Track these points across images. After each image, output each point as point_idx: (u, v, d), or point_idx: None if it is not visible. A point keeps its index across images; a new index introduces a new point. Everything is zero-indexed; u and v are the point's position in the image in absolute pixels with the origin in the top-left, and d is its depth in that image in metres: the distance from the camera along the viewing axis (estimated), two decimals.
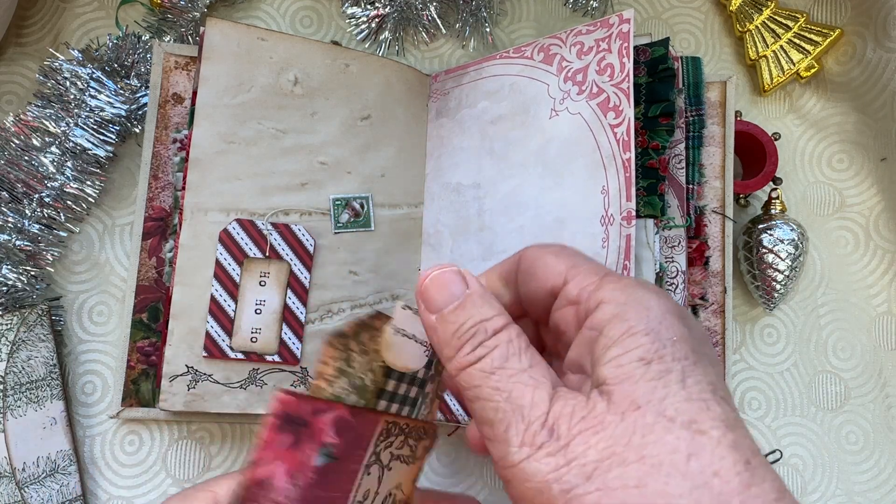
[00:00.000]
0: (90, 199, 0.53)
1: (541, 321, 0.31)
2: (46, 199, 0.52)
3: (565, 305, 0.29)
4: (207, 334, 0.47)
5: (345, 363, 0.29)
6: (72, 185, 0.52)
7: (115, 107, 0.53)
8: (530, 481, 0.24)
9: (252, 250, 0.49)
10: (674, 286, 0.48)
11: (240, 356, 0.48)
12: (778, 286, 0.54)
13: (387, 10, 0.57)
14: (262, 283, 0.49)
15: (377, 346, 0.30)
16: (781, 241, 0.53)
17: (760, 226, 0.54)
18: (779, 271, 0.53)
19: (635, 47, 0.47)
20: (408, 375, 0.32)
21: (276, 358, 0.48)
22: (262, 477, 0.28)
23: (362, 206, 0.51)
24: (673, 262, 0.48)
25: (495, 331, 0.27)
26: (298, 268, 0.49)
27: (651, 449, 0.23)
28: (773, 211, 0.54)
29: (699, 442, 0.23)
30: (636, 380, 0.24)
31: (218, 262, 0.48)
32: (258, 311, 0.48)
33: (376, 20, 0.58)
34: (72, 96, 0.52)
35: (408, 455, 0.33)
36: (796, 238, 0.53)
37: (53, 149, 0.51)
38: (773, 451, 0.54)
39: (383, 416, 0.31)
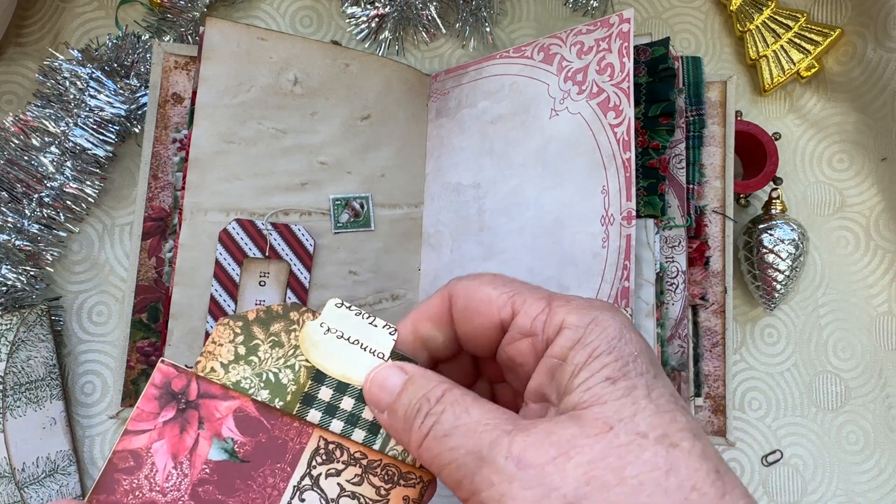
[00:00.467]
0: (90, 199, 0.53)
1: (483, 354, 0.31)
2: (46, 199, 0.52)
3: (519, 339, 0.28)
4: (207, 334, 0.47)
5: (245, 349, 0.28)
6: (71, 185, 0.52)
7: (114, 107, 0.53)
8: None
9: (252, 250, 0.49)
10: (674, 286, 0.48)
11: None
12: (778, 286, 0.54)
13: (387, 9, 0.57)
14: (262, 283, 0.49)
15: (296, 342, 0.28)
16: (782, 241, 0.53)
17: (761, 226, 0.54)
18: (779, 271, 0.53)
19: (635, 47, 0.46)
20: (355, 389, 0.29)
21: None
22: (135, 447, 0.26)
23: (362, 206, 0.51)
24: (673, 262, 0.48)
25: (437, 399, 0.27)
26: (298, 268, 0.49)
27: (630, 470, 0.23)
28: (773, 211, 0.54)
29: (674, 456, 0.23)
30: (605, 400, 0.24)
31: (218, 262, 0.48)
32: None
33: (376, 20, 0.58)
34: (71, 96, 0.52)
35: (373, 498, 0.29)
36: (796, 238, 0.53)
37: (53, 149, 0.51)
38: (774, 452, 0.54)
39: (316, 429, 0.28)
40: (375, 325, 0.30)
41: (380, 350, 0.30)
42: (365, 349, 0.30)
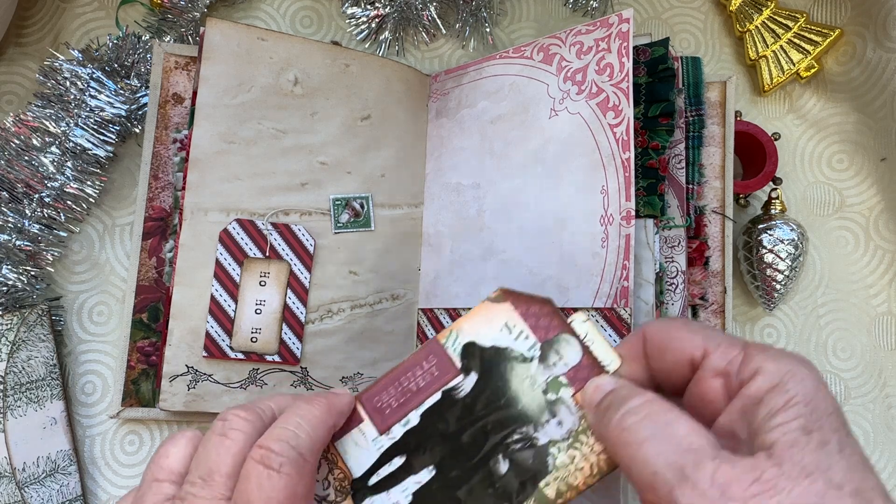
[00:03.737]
0: (90, 199, 0.53)
1: (672, 391, 0.32)
2: (46, 199, 0.52)
3: (712, 377, 0.30)
4: (207, 334, 0.47)
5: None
6: (72, 185, 0.52)
7: (115, 107, 0.53)
8: None
9: (252, 250, 0.49)
10: (674, 286, 0.48)
11: (240, 356, 0.48)
12: (778, 286, 0.54)
13: (387, 10, 0.57)
14: (262, 283, 0.49)
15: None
16: (781, 241, 0.53)
17: (760, 226, 0.54)
18: (779, 271, 0.53)
19: (635, 47, 0.47)
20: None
21: (277, 358, 0.48)
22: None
23: (362, 206, 0.51)
24: (673, 262, 0.48)
25: (641, 402, 0.29)
26: (298, 268, 0.49)
27: None
28: (773, 211, 0.54)
29: None
30: (801, 447, 0.25)
31: (218, 262, 0.48)
32: (258, 311, 0.48)
33: (376, 20, 0.58)
34: (72, 96, 0.52)
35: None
36: (796, 238, 0.53)
37: (53, 149, 0.51)
38: None
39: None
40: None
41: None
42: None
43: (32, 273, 0.51)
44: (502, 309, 0.35)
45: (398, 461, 0.34)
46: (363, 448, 0.34)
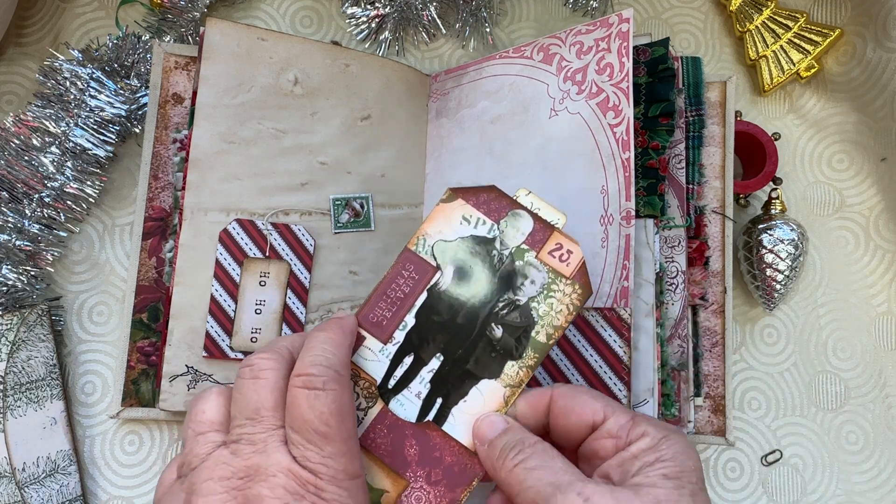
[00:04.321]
0: (90, 199, 0.53)
1: (565, 446, 0.37)
2: (46, 199, 0.52)
3: (605, 438, 0.36)
4: (207, 334, 0.47)
5: None
6: (72, 185, 0.52)
7: (115, 107, 0.53)
8: None
9: (252, 250, 0.49)
10: (674, 286, 0.48)
11: (240, 356, 0.48)
12: (778, 286, 0.54)
13: (387, 10, 0.57)
14: (262, 283, 0.49)
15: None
16: (781, 241, 0.53)
17: (760, 226, 0.54)
18: (779, 271, 0.53)
19: (635, 47, 0.47)
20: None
21: None
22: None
23: (362, 206, 0.51)
24: (673, 262, 0.48)
25: (531, 444, 0.35)
26: (298, 268, 0.49)
27: None
28: (773, 211, 0.54)
29: None
30: (658, 486, 0.32)
31: (218, 262, 0.48)
32: (258, 311, 0.48)
33: (376, 20, 0.58)
34: (72, 96, 0.52)
35: None
36: (796, 238, 0.53)
37: (53, 149, 0.51)
38: (774, 452, 0.54)
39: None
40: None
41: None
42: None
43: (32, 273, 0.51)
44: (456, 206, 0.40)
45: (408, 360, 0.39)
46: (373, 360, 0.39)
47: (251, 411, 0.34)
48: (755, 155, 0.55)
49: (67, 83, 0.52)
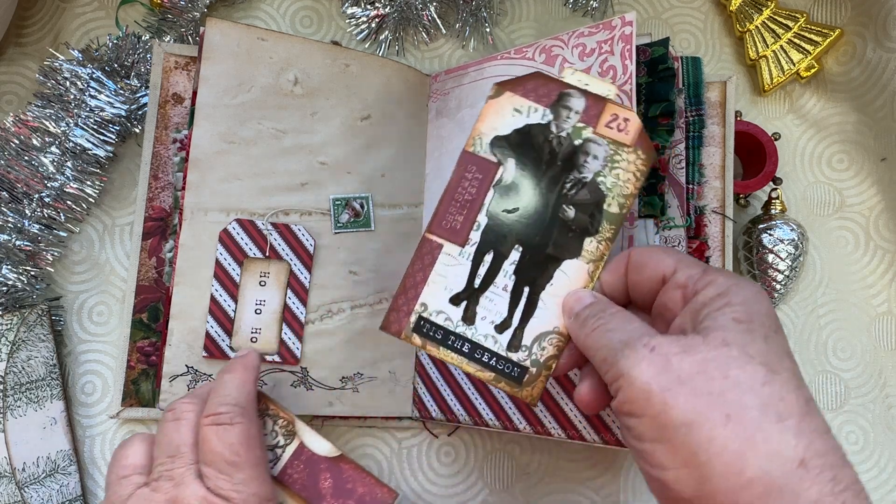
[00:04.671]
0: (90, 199, 0.53)
1: (643, 307, 0.38)
2: (46, 199, 0.52)
3: (674, 289, 0.36)
4: (207, 334, 0.47)
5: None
6: (72, 185, 0.52)
7: (115, 107, 0.53)
8: (635, 384, 0.31)
9: (252, 250, 0.49)
10: None
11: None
12: (778, 286, 0.54)
13: (387, 10, 0.57)
14: (262, 283, 0.49)
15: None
16: (781, 241, 0.53)
17: (760, 226, 0.54)
18: (779, 271, 0.53)
19: (636, 47, 0.46)
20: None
21: (276, 358, 0.48)
22: None
23: (362, 206, 0.51)
24: None
25: (613, 312, 0.36)
26: (298, 268, 0.49)
27: (733, 371, 0.30)
28: (773, 211, 0.54)
29: (772, 377, 0.30)
30: (728, 329, 0.32)
31: (218, 262, 0.48)
32: (258, 311, 0.48)
33: (376, 20, 0.58)
34: (72, 96, 0.52)
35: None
36: (796, 238, 0.53)
37: (53, 149, 0.51)
38: None
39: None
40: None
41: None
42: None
43: (32, 273, 0.51)
44: (504, 99, 0.40)
45: (488, 258, 0.40)
46: (455, 265, 0.40)
47: (172, 449, 0.38)
48: (755, 155, 0.55)
49: (67, 83, 0.52)
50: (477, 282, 0.40)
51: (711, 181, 0.52)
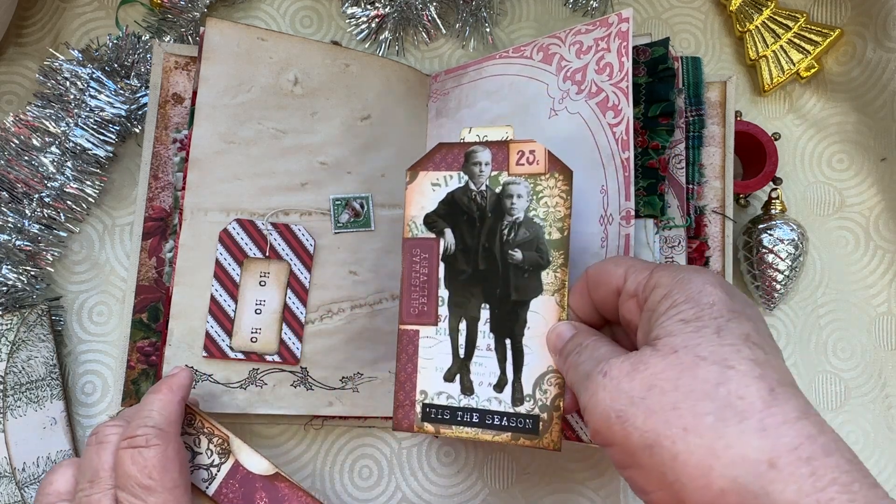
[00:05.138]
0: (90, 199, 0.53)
1: (612, 318, 0.38)
2: (46, 199, 0.52)
3: (628, 299, 0.35)
4: (207, 334, 0.47)
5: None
6: (72, 185, 0.52)
7: (115, 107, 0.53)
8: (595, 410, 0.31)
9: (252, 250, 0.49)
10: None
11: (240, 356, 0.48)
12: (778, 286, 0.54)
13: (387, 10, 0.57)
14: (262, 283, 0.49)
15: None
16: (781, 241, 0.53)
17: (760, 226, 0.54)
18: (779, 271, 0.53)
19: (635, 47, 0.47)
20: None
21: (276, 358, 0.48)
22: None
23: (362, 206, 0.51)
24: (673, 262, 0.48)
25: (585, 345, 0.36)
26: (298, 268, 0.49)
27: (684, 380, 0.29)
28: (773, 211, 0.54)
29: (727, 374, 0.29)
30: (675, 333, 0.31)
31: (218, 262, 0.48)
32: (258, 311, 0.48)
33: (376, 20, 0.58)
34: (72, 96, 0.52)
35: None
36: (796, 238, 0.53)
37: (53, 149, 0.51)
38: None
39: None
40: None
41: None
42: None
43: (32, 273, 0.51)
44: (421, 179, 0.43)
45: (463, 326, 0.41)
46: (436, 344, 0.42)
47: (91, 474, 0.38)
48: (755, 155, 0.55)
49: (67, 83, 0.52)
50: (461, 352, 0.41)
51: (711, 181, 0.52)
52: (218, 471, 0.42)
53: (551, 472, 0.53)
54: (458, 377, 0.41)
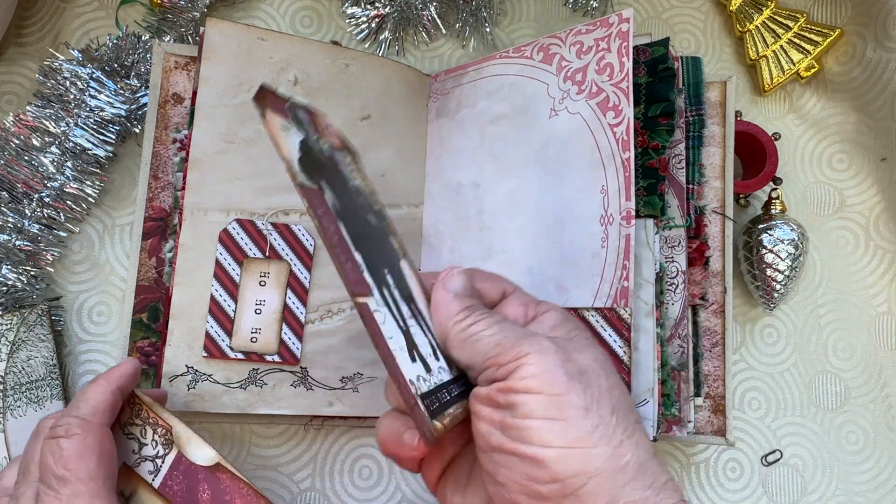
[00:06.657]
0: (90, 199, 0.53)
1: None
2: (46, 199, 0.52)
3: (517, 305, 0.39)
4: (207, 334, 0.47)
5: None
6: (72, 185, 0.52)
7: (115, 107, 0.53)
8: (543, 362, 0.33)
9: (252, 250, 0.49)
10: (674, 286, 0.48)
11: (240, 356, 0.48)
12: (778, 286, 0.54)
13: (387, 10, 0.57)
14: (262, 283, 0.49)
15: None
16: (781, 241, 0.53)
17: (760, 226, 0.54)
18: (779, 271, 0.53)
19: (635, 47, 0.46)
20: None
21: (276, 358, 0.48)
22: None
23: None
24: (673, 262, 0.48)
25: (489, 312, 0.37)
26: (298, 268, 0.49)
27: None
28: (773, 211, 0.54)
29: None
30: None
31: (218, 262, 0.48)
32: (258, 311, 0.48)
33: (376, 20, 0.58)
34: (72, 96, 0.52)
35: None
36: (796, 238, 0.53)
37: (53, 149, 0.51)
38: (773, 452, 0.54)
39: None
40: None
41: None
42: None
43: (32, 273, 0.51)
44: (271, 117, 0.34)
45: (387, 293, 0.35)
46: (384, 316, 0.35)
47: (23, 468, 0.37)
48: (755, 155, 0.55)
49: (67, 83, 0.52)
50: (402, 323, 0.35)
51: (711, 181, 0.52)
52: (163, 462, 0.40)
53: None
54: (415, 354, 0.35)
